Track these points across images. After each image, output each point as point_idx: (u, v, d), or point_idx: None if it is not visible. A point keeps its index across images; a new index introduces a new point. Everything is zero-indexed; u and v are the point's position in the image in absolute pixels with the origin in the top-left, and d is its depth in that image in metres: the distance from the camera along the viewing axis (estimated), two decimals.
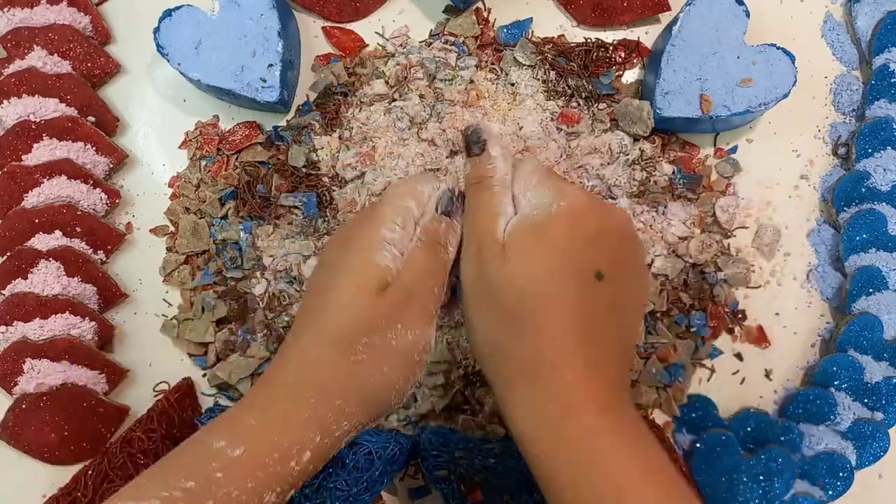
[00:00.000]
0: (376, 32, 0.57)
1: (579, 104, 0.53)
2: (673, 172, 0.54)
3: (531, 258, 0.34)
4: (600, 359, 0.34)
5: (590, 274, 0.34)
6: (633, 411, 0.34)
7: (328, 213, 0.52)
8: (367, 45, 0.57)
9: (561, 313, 0.34)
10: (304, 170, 0.53)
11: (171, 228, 0.54)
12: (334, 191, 0.52)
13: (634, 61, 0.56)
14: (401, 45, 0.56)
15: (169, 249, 0.54)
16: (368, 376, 0.35)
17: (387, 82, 0.54)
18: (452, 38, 0.55)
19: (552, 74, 0.54)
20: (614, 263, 0.35)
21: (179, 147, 0.56)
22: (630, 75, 0.56)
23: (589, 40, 0.56)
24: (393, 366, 0.36)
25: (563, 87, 0.53)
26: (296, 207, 0.52)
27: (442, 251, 0.38)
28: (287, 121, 0.55)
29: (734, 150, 0.55)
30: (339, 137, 0.53)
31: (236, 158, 0.54)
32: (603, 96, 0.54)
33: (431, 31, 0.57)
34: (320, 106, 0.55)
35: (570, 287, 0.34)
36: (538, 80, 0.54)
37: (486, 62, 0.55)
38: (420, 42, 0.56)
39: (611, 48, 0.56)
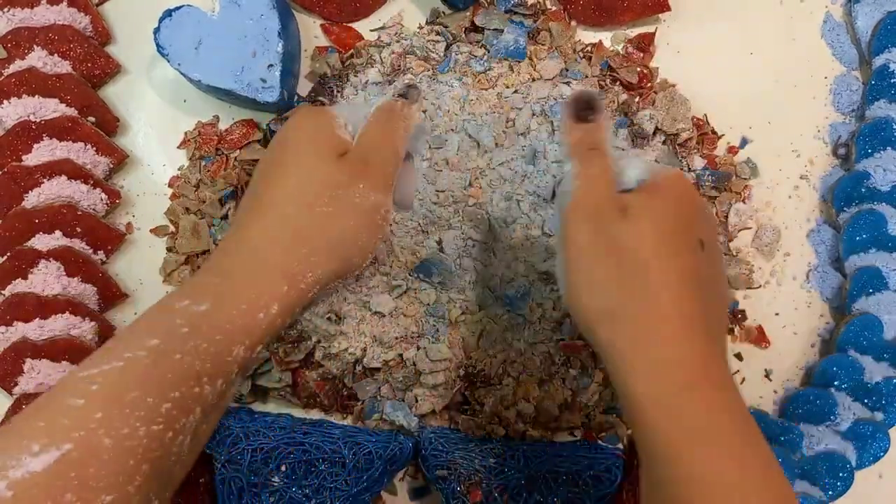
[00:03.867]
0: (371, 30, 0.57)
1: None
2: (703, 167, 0.54)
3: (653, 220, 0.35)
4: (712, 329, 0.35)
5: (697, 242, 0.35)
6: (735, 386, 0.35)
7: None
8: (364, 39, 0.57)
9: (681, 277, 0.34)
10: None
11: (172, 229, 0.54)
12: None
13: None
14: (395, 34, 0.56)
15: (169, 250, 0.54)
16: (333, 226, 0.37)
17: (380, 71, 0.54)
18: (441, 28, 0.55)
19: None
20: (710, 236, 0.36)
21: (178, 147, 0.56)
22: None
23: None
24: (357, 221, 0.38)
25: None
26: None
27: (399, 122, 0.41)
28: (278, 115, 0.55)
29: (744, 144, 0.56)
30: None
31: (235, 158, 0.54)
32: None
33: (427, 19, 0.57)
34: (314, 95, 0.55)
35: (686, 251, 0.35)
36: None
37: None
38: (414, 32, 0.56)
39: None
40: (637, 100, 0.54)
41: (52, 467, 0.27)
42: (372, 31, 0.57)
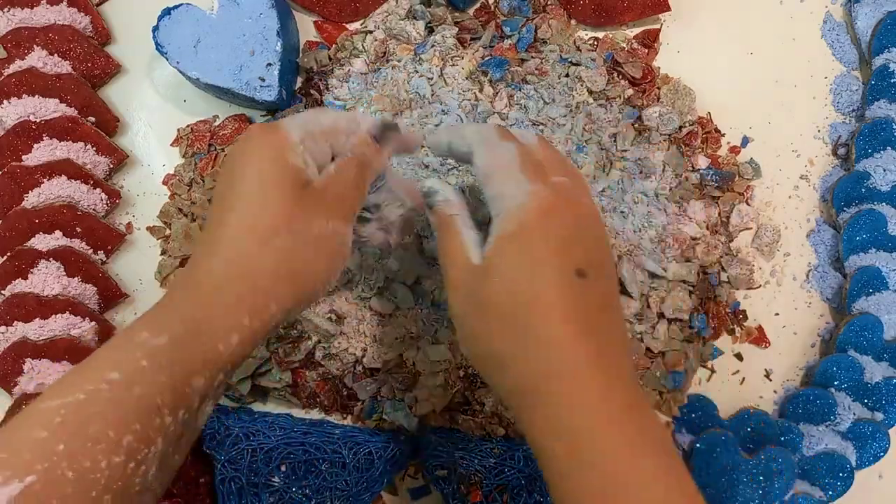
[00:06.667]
0: (361, 24, 0.57)
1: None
2: (707, 167, 0.54)
3: (511, 270, 0.34)
4: (603, 359, 0.33)
5: (570, 273, 0.34)
6: (646, 411, 0.34)
7: None
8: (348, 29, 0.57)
9: (551, 316, 0.33)
10: None
11: (167, 231, 0.54)
12: None
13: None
14: (382, 21, 0.55)
15: (164, 252, 0.54)
16: (293, 260, 0.36)
17: (365, 60, 0.54)
18: (421, 9, 0.55)
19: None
20: (594, 261, 0.35)
21: (171, 145, 0.56)
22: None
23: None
24: (317, 253, 0.37)
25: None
26: None
27: (367, 169, 0.40)
28: (271, 113, 0.55)
29: (745, 143, 0.56)
30: None
31: (226, 154, 0.54)
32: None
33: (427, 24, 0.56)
34: (303, 91, 0.55)
35: (553, 288, 0.33)
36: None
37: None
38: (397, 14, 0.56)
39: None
40: (641, 96, 0.54)
41: (16, 499, 0.28)
42: (361, 24, 0.56)
